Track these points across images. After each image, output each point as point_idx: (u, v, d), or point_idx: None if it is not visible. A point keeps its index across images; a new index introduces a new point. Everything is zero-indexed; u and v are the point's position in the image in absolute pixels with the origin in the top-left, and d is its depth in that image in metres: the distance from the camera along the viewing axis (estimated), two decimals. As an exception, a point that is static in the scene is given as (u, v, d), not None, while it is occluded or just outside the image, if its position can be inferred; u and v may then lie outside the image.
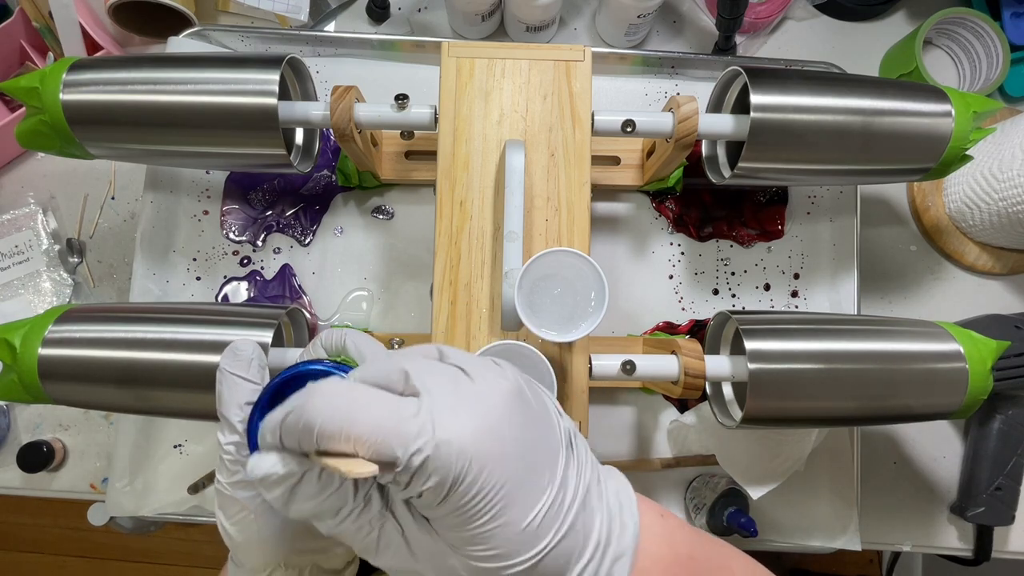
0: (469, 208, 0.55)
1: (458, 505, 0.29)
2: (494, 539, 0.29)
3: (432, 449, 0.28)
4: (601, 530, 0.32)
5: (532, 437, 0.31)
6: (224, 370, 0.40)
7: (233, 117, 0.55)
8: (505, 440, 0.30)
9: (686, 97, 0.57)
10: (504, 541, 0.29)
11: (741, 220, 0.72)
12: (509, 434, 0.30)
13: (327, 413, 0.28)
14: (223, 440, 0.39)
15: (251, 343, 0.41)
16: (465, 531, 0.29)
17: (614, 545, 0.32)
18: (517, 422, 0.30)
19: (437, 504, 0.29)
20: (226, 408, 0.39)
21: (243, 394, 0.39)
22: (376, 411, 0.29)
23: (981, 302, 0.77)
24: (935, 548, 0.73)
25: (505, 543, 0.29)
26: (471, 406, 0.30)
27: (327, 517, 0.31)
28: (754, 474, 0.64)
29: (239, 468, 0.39)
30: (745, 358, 0.53)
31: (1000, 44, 0.77)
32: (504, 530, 0.29)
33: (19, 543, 1.61)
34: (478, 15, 0.73)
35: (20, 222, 0.76)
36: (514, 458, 0.30)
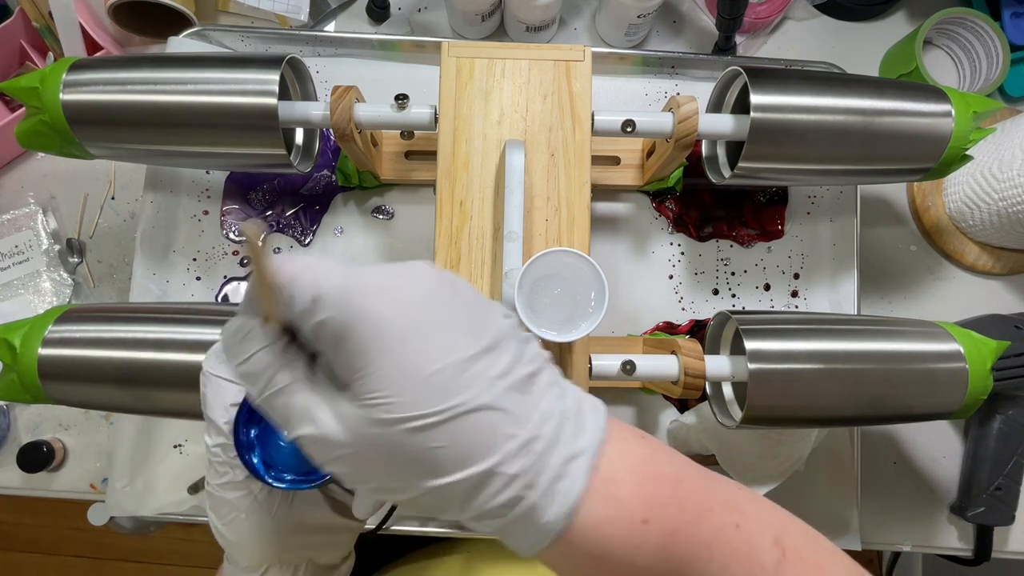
0: (469, 208, 0.55)
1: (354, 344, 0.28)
2: (390, 383, 0.27)
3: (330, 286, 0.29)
4: (544, 423, 0.29)
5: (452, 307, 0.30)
6: (207, 372, 0.40)
7: (233, 117, 0.56)
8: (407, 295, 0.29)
9: (686, 97, 0.57)
10: (400, 387, 0.27)
11: (741, 220, 0.72)
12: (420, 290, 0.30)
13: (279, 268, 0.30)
14: (210, 442, 0.39)
15: None
16: (362, 374, 0.28)
17: (565, 443, 0.29)
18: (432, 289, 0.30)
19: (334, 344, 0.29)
20: (211, 410, 0.39)
21: (228, 396, 0.39)
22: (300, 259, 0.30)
23: (981, 302, 0.77)
24: (935, 548, 0.73)
25: (402, 390, 0.27)
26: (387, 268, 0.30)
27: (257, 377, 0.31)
28: (754, 474, 0.64)
29: (227, 470, 0.39)
30: (745, 358, 0.53)
31: (1000, 44, 0.77)
32: (400, 375, 0.27)
33: (19, 543, 1.61)
34: (478, 15, 0.73)
35: (20, 222, 0.76)
36: (417, 311, 0.29)
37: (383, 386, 0.28)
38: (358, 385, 0.28)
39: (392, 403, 0.27)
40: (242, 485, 0.39)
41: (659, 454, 0.32)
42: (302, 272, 0.29)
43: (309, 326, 0.29)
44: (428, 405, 0.27)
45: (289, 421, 0.30)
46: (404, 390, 0.27)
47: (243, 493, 0.39)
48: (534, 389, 0.30)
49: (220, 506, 0.40)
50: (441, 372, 0.28)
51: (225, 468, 0.39)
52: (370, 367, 0.28)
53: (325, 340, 0.29)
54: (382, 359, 0.28)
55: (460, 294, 0.30)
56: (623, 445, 0.31)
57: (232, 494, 0.39)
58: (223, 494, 0.39)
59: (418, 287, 0.30)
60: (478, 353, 0.29)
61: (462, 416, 0.28)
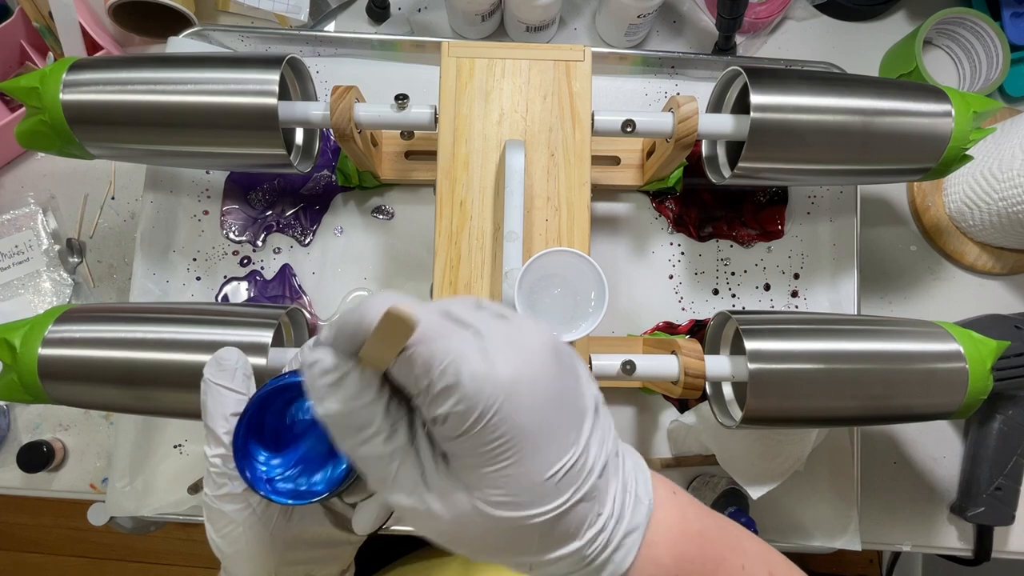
0: (469, 208, 0.55)
1: (482, 441, 0.28)
2: (511, 485, 0.28)
3: (468, 373, 0.27)
4: (616, 501, 0.31)
5: (563, 394, 0.30)
6: (208, 380, 0.39)
7: (233, 117, 0.56)
8: (539, 389, 0.29)
9: (686, 97, 0.57)
10: (522, 489, 0.29)
11: (741, 220, 0.72)
12: (543, 384, 0.29)
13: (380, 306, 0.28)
14: (209, 452, 0.38)
15: (236, 352, 0.40)
16: (484, 471, 0.28)
17: (627, 518, 0.32)
18: (552, 374, 0.30)
19: (459, 435, 0.28)
20: (211, 419, 0.38)
21: (228, 405, 0.38)
22: (427, 320, 0.28)
23: (981, 302, 0.77)
24: (935, 548, 0.73)
25: (522, 492, 0.29)
26: (511, 348, 0.29)
27: (351, 431, 0.30)
28: (754, 474, 0.64)
29: (226, 481, 0.38)
30: (745, 358, 0.53)
31: (1000, 44, 0.77)
32: (524, 478, 0.28)
33: (19, 543, 1.61)
34: (478, 15, 0.73)
35: (20, 222, 0.76)
36: (544, 408, 0.29)
37: (504, 486, 0.29)
38: (479, 479, 0.29)
39: (510, 503, 0.29)
40: (240, 498, 0.39)
41: (687, 509, 0.35)
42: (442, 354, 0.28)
43: (436, 411, 0.28)
44: (541, 505, 0.29)
45: (384, 483, 0.30)
46: (523, 491, 0.29)
47: (241, 506, 0.38)
48: (609, 470, 0.31)
49: (217, 518, 0.39)
50: (557, 474, 0.29)
51: (223, 479, 0.38)
52: (497, 466, 0.28)
53: (450, 426, 0.28)
54: (511, 461, 0.28)
55: (564, 367, 0.31)
56: (663, 509, 0.33)
57: (230, 506, 0.38)
58: (220, 506, 0.38)
59: (543, 377, 0.29)
60: (581, 452, 0.30)
61: (565, 512, 0.29)
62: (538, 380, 0.29)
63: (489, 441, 0.28)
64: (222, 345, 0.53)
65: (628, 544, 0.31)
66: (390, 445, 0.30)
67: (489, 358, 0.28)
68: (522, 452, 0.28)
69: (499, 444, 0.28)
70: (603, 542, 0.31)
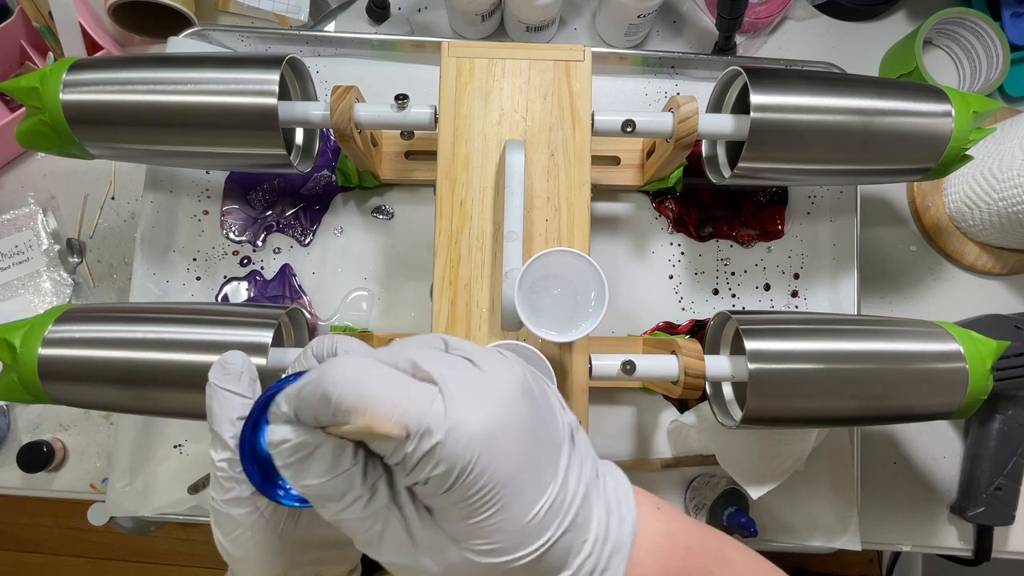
0: (469, 208, 0.55)
1: (463, 496, 0.28)
2: (497, 533, 0.29)
3: (444, 435, 0.28)
4: (600, 525, 0.32)
5: (538, 432, 0.31)
6: (214, 384, 0.39)
7: (233, 117, 0.55)
8: (512, 434, 0.30)
9: (686, 97, 0.57)
10: (506, 536, 0.29)
11: (741, 220, 0.72)
12: (516, 428, 0.30)
13: (344, 386, 0.28)
14: (216, 457, 0.38)
15: (240, 355, 0.40)
16: (468, 523, 0.29)
17: (612, 539, 0.32)
18: (525, 415, 0.30)
19: (442, 493, 0.29)
20: (217, 424, 0.38)
21: (234, 409, 0.38)
22: (392, 389, 0.29)
23: (981, 302, 0.77)
24: (935, 548, 0.73)
25: (507, 537, 0.29)
26: (481, 398, 0.29)
27: (332, 500, 0.30)
28: (754, 474, 0.64)
29: (233, 485, 0.38)
30: (745, 358, 0.53)
31: (1000, 44, 0.77)
32: (507, 524, 0.29)
33: (19, 543, 1.61)
34: (478, 15, 0.73)
35: (20, 222, 0.76)
36: (520, 453, 0.30)
37: (489, 535, 0.29)
38: (463, 531, 0.29)
39: (498, 548, 0.29)
40: (248, 501, 0.38)
41: (672, 524, 0.35)
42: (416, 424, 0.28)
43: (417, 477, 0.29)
44: (527, 547, 0.30)
45: (370, 545, 0.30)
46: (508, 537, 0.29)
47: (249, 510, 0.38)
48: (591, 495, 0.32)
49: (225, 522, 0.39)
50: (538, 515, 0.30)
51: (231, 483, 0.38)
52: (480, 517, 0.29)
53: (432, 486, 0.29)
54: (493, 509, 0.29)
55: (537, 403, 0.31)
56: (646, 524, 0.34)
57: (237, 510, 0.38)
58: (228, 510, 0.38)
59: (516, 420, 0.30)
60: (560, 486, 0.31)
61: (551, 547, 0.30)
62: (511, 425, 0.30)
63: (471, 495, 0.29)
64: (222, 345, 0.53)
65: (615, 565, 0.32)
66: (372, 507, 0.30)
67: (461, 414, 0.28)
68: (503, 499, 0.29)
69: (481, 496, 0.29)
70: (591, 567, 0.31)
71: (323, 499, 0.30)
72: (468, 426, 0.28)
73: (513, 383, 0.31)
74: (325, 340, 0.40)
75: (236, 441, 0.37)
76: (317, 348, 0.41)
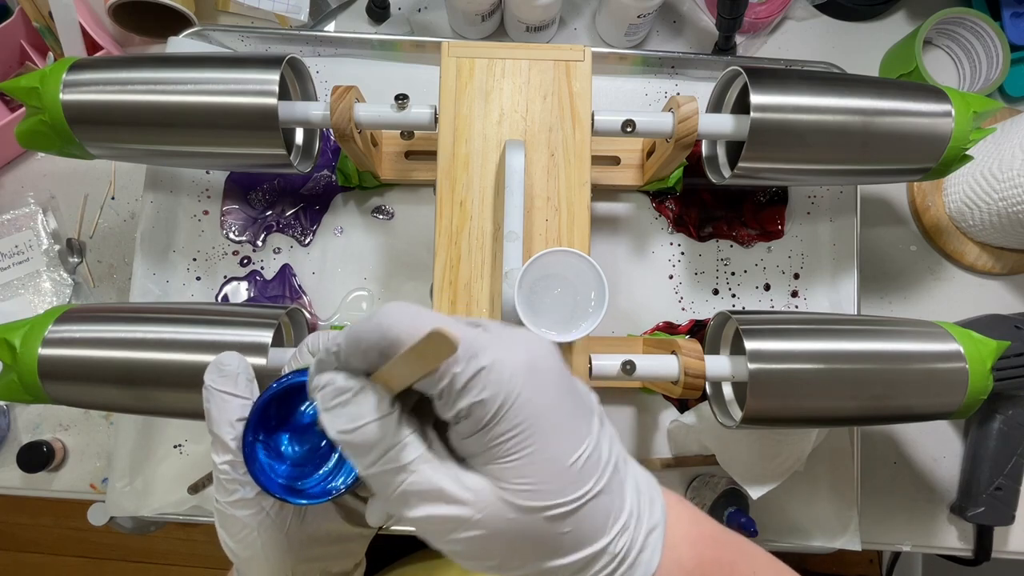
0: (469, 208, 0.55)
1: (506, 428, 0.28)
2: (537, 471, 0.29)
3: (490, 361, 0.28)
4: (632, 501, 0.32)
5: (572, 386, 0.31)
6: (210, 387, 0.38)
7: (233, 117, 0.56)
8: (552, 376, 0.30)
9: (686, 97, 0.57)
10: (546, 476, 0.29)
11: (741, 220, 0.72)
12: (555, 372, 0.30)
13: (399, 322, 0.28)
14: (217, 460, 0.38)
15: (236, 356, 0.40)
16: (508, 461, 0.29)
17: (646, 517, 0.32)
18: (560, 367, 0.31)
19: (483, 426, 0.28)
20: (216, 427, 0.38)
21: (233, 411, 0.38)
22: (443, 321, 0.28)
23: (981, 302, 0.77)
24: (935, 548, 0.73)
25: (547, 479, 0.29)
26: (522, 342, 0.30)
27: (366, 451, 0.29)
28: (754, 474, 0.64)
29: (237, 487, 0.38)
30: (745, 358, 0.53)
31: (1000, 44, 0.77)
32: (547, 464, 0.29)
33: (19, 543, 1.61)
34: (478, 15, 0.73)
35: (20, 222, 0.76)
36: (558, 395, 0.30)
37: (531, 473, 0.29)
38: (505, 470, 0.29)
39: (537, 491, 0.29)
40: (252, 503, 0.38)
41: (698, 515, 0.35)
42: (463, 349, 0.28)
43: (460, 404, 0.28)
44: (567, 493, 0.29)
45: (407, 500, 0.29)
46: (549, 479, 0.29)
47: (254, 511, 0.38)
48: (622, 467, 0.32)
49: (231, 524, 0.39)
50: (578, 462, 0.29)
51: (235, 486, 0.38)
52: (522, 454, 0.29)
53: (473, 419, 0.28)
54: (535, 447, 0.29)
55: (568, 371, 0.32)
56: (675, 512, 0.34)
57: (243, 512, 0.38)
58: (233, 512, 0.38)
59: (555, 368, 0.30)
60: (595, 444, 0.30)
61: (589, 502, 0.30)
62: (552, 369, 0.30)
63: (512, 428, 0.28)
64: (222, 345, 0.53)
65: (652, 543, 0.32)
66: (408, 457, 0.29)
67: (507, 346, 0.29)
68: (544, 437, 0.29)
69: (521, 430, 0.28)
70: (628, 540, 0.31)
71: (358, 448, 0.29)
72: (513, 358, 0.29)
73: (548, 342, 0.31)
74: (320, 336, 0.41)
75: (238, 443, 0.37)
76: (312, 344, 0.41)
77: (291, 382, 0.37)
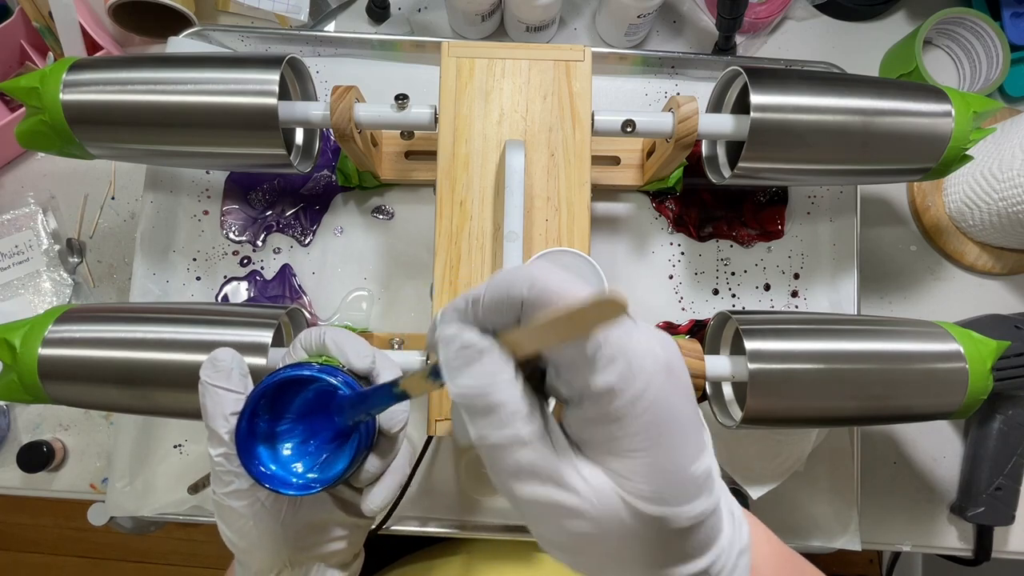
0: (469, 208, 0.55)
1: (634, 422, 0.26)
2: (660, 476, 0.26)
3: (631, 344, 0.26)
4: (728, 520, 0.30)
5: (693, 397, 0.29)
6: (205, 382, 0.39)
7: (233, 117, 0.56)
8: (683, 379, 0.28)
9: (686, 97, 0.57)
10: (669, 483, 0.27)
11: (741, 220, 0.72)
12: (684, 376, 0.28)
13: (551, 280, 0.26)
14: (213, 452, 0.39)
15: (230, 352, 0.40)
16: (632, 458, 0.26)
17: (738, 538, 0.31)
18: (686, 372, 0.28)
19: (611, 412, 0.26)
20: (211, 420, 0.39)
21: (227, 405, 0.39)
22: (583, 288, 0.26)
23: (981, 302, 0.77)
24: (935, 548, 0.73)
25: (670, 485, 0.27)
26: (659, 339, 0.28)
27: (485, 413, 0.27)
28: (754, 474, 0.64)
29: (232, 479, 0.39)
30: (745, 358, 0.53)
31: (1000, 44, 0.77)
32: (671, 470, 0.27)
33: (19, 543, 1.61)
34: (478, 15, 0.73)
35: (20, 222, 0.76)
36: (686, 399, 0.28)
37: (655, 478, 0.26)
38: (628, 468, 0.27)
39: (660, 497, 0.27)
40: (248, 493, 0.39)
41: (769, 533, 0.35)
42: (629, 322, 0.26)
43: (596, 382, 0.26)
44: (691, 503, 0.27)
45: (519, 475, 0.27)
46: (671, 485, 0.27)
47: (249, 501, 0.39)
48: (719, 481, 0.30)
49: (228, 514, 0.40)
50: (700, 474, 0.27)
51: (230, 477, 0.39)
52: (649, 453, 0.26)
53: (603, 403, 0.26)
54: (662, 448, 0.26)
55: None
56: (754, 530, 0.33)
57: (238, 502, 0.39)
58: (230, 503, 0.39)
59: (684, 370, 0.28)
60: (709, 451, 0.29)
61: (709, 517, 0.28)
62: (683, 370, 0.28)
63: (644, 423, 0.26)
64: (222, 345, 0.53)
65: (742, 565, 0.30)
66: (527, 428, 0.27)
67: (647, 335, 0.27)
68: (671, 440, 0.26)
69: (649, 426, 0.26)
70: (725, 562, 0.29)
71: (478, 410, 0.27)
72: (654, 348, 0.27)
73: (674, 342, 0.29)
74: (313, 332, 0.41)
75: (232, 436, 0.38)
76: (305, 341, 0.41)
77: (284, 376, 0.37)
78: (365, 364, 0.40)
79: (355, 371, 0.40)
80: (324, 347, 0.41)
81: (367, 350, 0.41)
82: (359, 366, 0.40)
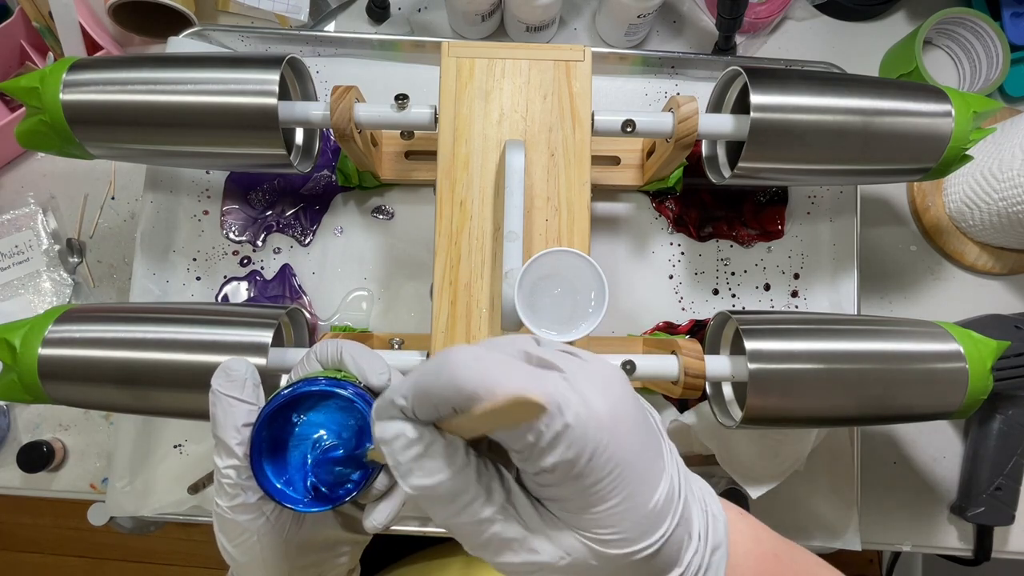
0: (469, 208, 0.55)
1: (592, 481, 0.28)
2: (622, 521, 0.28)
3: (573, 418, 0.27)
4: (699, 520, 0.32)
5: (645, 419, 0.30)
6: (217, 392, 0.39)
7: (233, 117, 0.55)
8: (632, 420, 0.29)
9: (686, 97, 0.57)
10: (630, 524, 0.29)
11: (741, 220, 0.72)
12: (633, 414, 0.29)
13: (472, 375, 0.26)
14: (221, 464, 0.38)
15: (244, 362, 0.40)
16: (593, 512, 0.28)
17: (711, 536, 0.32)
18: (635, 403, 0.30)
19: (568, 480, 0.28)
20: (222, 431, 0.38)
21: (239, 416, 0.38)
22: (520, 372, 0.27)
23: (981, 302, 0.77)
24: (935, 548, 0.73)
25: (631, 527, 0.29)
26: (600, 384, 0.29)
27: (444, 503, 0.29)
28: (754, 474, 0.64)
29: (239, 492, 0.38)
30: (745, 358, 0.53)
31: (1000, 44, 0.77)
32: (632, 512, 0.28)
33: (19, 543, 1.61)
34: (478, 15, 0.73)
35: (20, 222, 0.76)
36: (639, 439, 0.29)
37: (615, 523, 0.28)
38: (587, 521, 0.29)
39: (623, 538, 0.29)
40: (254, 507, 0.38)
41: (759, 530, 0.35)
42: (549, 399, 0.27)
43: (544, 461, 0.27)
44: (650, 535, 0.29)
45: (488, 547, 0.29)
46: (633, 525, 0.29)
47: (255, 515, 0.38)
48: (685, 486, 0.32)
49: (231, 528, 0.39)
50: (657, 502, 0.29)
51: (237, 490, 0.38)
52: (606, 504, 0.28)
53: (559, 473, 0.28)
54: (619, 496, 0.28)
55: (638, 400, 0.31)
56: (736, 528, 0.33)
57: (243, 516, 0.38)
58: (234, 516, 0.38)
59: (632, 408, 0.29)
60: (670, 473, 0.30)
61: (669, 538, 0.30)
62: (630, 412, 0.29)
63: (598, 480, 0.28)
64: (222, 345, 0.53)
65: (716, 563, 0.31)
66: (489, 508, 0.29)
67: (590, 396, 0.28)
68: (627, 486, 0.28)
69: (608, 482, 0.28)
70: (698, 564, 0.31)
71: (435, 500, 0.29)
72: (597, 409, 0.28)
73: (617, 373, 0.30)
74: (329, 345, 0.40)
75: (243, 448, 0.37)
76: (321, 353, 0.41)
77: (300, 391, 0.37)
78: (382, 381, 0.39)
79: (371, 388, 0.39)
80: (341, 362, 0.40)
81: (384, 367, 0.40)
82: (375, 383, 0.39)
